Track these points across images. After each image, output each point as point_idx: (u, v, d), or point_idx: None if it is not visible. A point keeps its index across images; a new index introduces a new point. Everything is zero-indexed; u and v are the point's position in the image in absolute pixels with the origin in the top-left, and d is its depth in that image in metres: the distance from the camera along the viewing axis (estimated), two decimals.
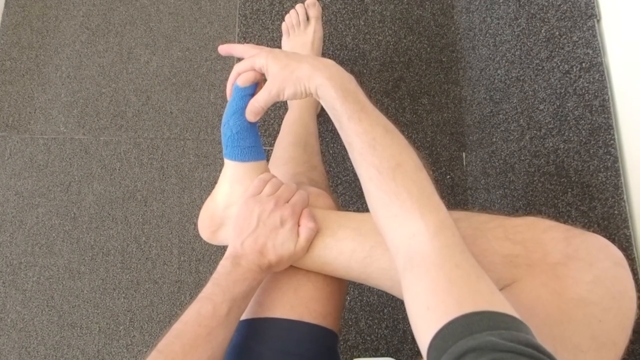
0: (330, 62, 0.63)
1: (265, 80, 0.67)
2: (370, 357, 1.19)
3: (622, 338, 0.51)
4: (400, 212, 0.53)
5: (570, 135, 0.88)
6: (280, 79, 0.63)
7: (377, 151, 0.56)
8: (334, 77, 0.60)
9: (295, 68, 0.62)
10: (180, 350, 0.56)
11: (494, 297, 0.45)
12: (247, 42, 1.37)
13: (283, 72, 0.63)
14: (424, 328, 0.45)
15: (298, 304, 0.68)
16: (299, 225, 0.66)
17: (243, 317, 0.69)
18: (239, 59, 1.34)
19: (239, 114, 0.69)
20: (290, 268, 0.70)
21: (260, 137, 0.73)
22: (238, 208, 0.69)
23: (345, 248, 0.65)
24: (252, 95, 0.69)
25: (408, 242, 0.51)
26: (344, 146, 0.63)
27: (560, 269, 0.52)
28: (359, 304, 1.22)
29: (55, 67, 1.37)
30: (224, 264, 0.64)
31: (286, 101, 1.27)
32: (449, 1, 1.42)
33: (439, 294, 0.46)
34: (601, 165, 0.81)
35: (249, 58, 0.67)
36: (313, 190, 0.75)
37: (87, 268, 1.25)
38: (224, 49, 0.72)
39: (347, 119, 0.58)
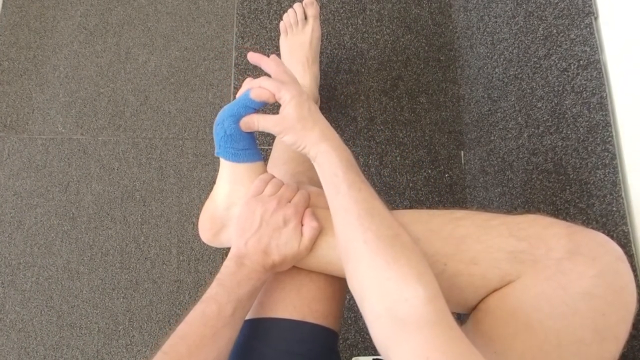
0: (337, 135, 0.66)
1: (275, 102, 0.67)
2: (369, 355, 1.19)
3: (623, 331, 0.52)
4: (395, 276, 0.53)
5: (568, 132, 0.88)
6: (289, 126, 0.64)
7: (376, 219, 0.58)
8: (339, 148, 0.64)
9: (307, 127, 0.64)
10: (186, 351, 0.56)
11: None
12: (246, 42, 1.38)
13: (295, 123, 0.64)
14: None
15: (300, 305, 0.69)
16: (302, 225, 0.66)
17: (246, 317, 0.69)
18: (237, 63, 1.35)
19: (235, 118, 0.68)
20: (292, 268, 0.70)
21: (255, 139, 0.73)
22: (240, 208, 0.69)
23: None
24: (255, 110, 0.69)
25: (397, 305, 0.52)
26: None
27: (565, 264, 0.53)
28: None
29: (53, 67, 1.37)
30: (227, 265, 0.64)
31: None
32: (447, 0, 1.42)
33: (439, 347, 0.47)
34: (599, 163, 0.81)
35: (278, 84, 0.66)
36: (313, 190, 0.75)
37: (86, 268, 1.25)
38: (255, 58, 0.71)
39: (347, 186, 0.60)
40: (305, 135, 0.64)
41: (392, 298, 0.53)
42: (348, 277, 0.60)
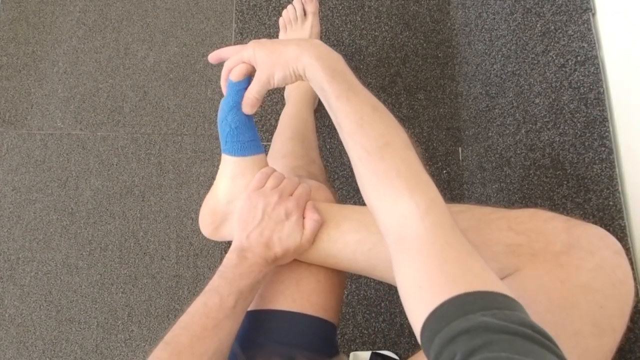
0: (317, 42, 0.62)
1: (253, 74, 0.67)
2: (367, 350, 1.20)
3: (620, 325, 0.52)
4: (389, 191, 0.52)
5: (566, 128, 0.89)
6: (269, 65, 0.63)
7: (365, 130, 0.55)
8: (322, 57, 0.60)
9: (282, 51, 0.62)
10: (188, 342, 0.56)
11: (486, 274, 0.45)
12: (245, 38, 1.38)
13: (271, 58, 0.62)
14: (417, 307, 0.45)
15: (300, 297, 0.69)
16: (303, 218, 0.67)
17: None
18: None
19: (237, 109, 0.69)
20: (292, 261, 0.70)
21: (257, 131, 0.73)
22: (242, 202, 0.69)
23: (349, 240, 0.65)
24: (246, 88, 0.69)
25: (398, 222, 0.51)
26: (341, 141, 0.63)
27: (563, 258, 0.53)
28: (356, 297, 1.23)
29: (52, 62, 1.37)
30: (230, 257, 0.64)
31: (284, 96, 1.27)
32: None
33: (432, 273, 0.46)
34: (596, 158, 0.82)
35: (236, 48, 0.67)
36: (313, 184, 0.76)
37: (85, 263, 1.25)
38: (214, 57, 0.71)
39: (335, 98, 0.58)
40: (286, 61, 0.61)
41: (393, 214, 0.52)
42: (363, 196, 0.58)
